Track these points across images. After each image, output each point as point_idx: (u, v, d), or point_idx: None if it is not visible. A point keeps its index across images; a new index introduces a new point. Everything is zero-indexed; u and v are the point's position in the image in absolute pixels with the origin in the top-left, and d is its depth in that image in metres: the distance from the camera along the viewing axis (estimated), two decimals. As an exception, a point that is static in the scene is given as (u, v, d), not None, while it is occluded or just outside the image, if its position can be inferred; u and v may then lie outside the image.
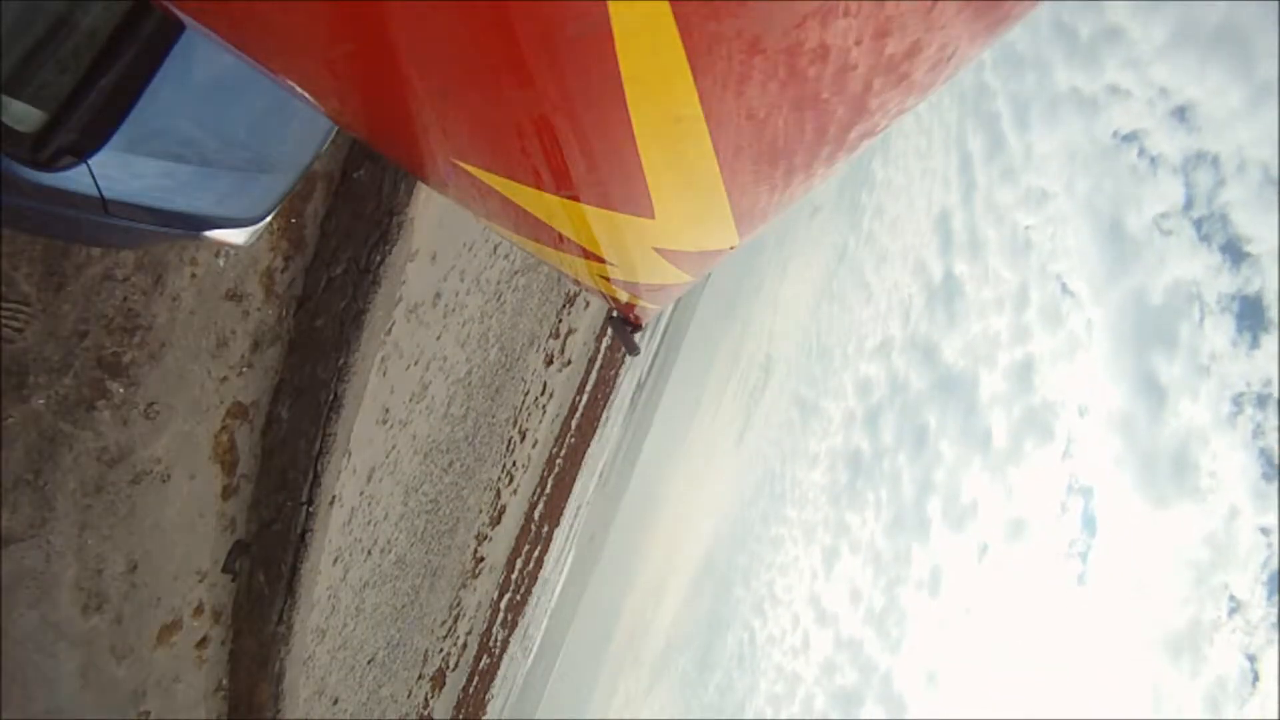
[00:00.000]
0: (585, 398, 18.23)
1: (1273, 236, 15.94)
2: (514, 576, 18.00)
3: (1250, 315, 16.80)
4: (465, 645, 14.68)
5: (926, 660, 30.30)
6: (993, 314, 28.05)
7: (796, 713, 38.18)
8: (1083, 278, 22.61)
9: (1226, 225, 17.22)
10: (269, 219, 3.12)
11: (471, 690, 16.74)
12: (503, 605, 17.90)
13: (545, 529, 20.79)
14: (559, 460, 17.82)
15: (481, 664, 17.29)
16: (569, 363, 14.19)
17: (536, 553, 20.84)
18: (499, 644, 19.38)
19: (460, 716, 15.88)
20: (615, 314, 2.22)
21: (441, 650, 12.94)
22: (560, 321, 12.38)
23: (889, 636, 32.88)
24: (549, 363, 12.69)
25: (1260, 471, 16.51)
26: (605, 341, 16.91)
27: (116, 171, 2.25)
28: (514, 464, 13.01)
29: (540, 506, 17.72)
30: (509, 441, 12.07)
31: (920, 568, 31.56)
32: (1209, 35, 16.76)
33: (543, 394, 13.11)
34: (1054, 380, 24.59)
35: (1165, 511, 19.13)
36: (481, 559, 13.28)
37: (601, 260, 1.67)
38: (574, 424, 18.01)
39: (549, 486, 17.85)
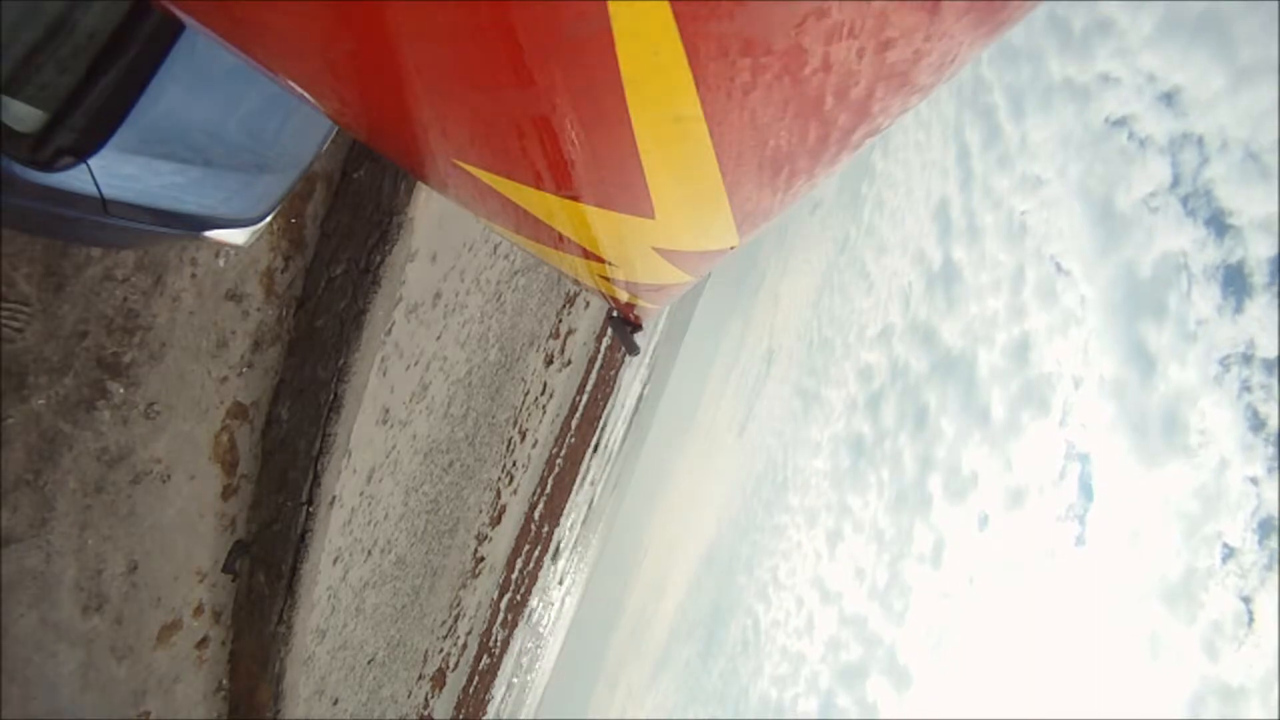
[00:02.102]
0: (585, 398, 18.23)
1: (1254, 208, 17.32)
2: (514, 576, 17.99)
3: (1234, 282, 18.16)
4: (465, 645, 14.68)
5: (931, 630, 30.88)
6: (990, 296, 28.91)
7: (801, 691, 38.60)
8: (1076, 256, 23.77)
9: (1210, 200, 18.57)
10: (269, 219, 3.12)
11: (471, 690, 16.74)
12: (503, 605, 17.90)
13: (545, 529, 20.79)
14: (559, 460, 17.82)
15: (481, 664, 17.29)
16: (569, 363, 14.18)
17: (536, 553, 20.84)
18: (499, 644, 19.38)
19: (460, 716, 15.88)
20: (615, 314, 2.23)
21: (441, 650, 12.94)
22: (560, 321, 12.38)
23: (893, 610, 33.58)
24: (549, 363, 12.69)
25: (1247, 425, 17.74)
26: (605, 341, 16.91)
27: (116, 172, 2.25)
28: (514, 464, 13.01)
29: (540, 506, 17.72)
30: (509, 441, 12.07)
31: (923, 542, 32.21)
32: (1193, 23, 18.04)
33: (543, 394, 13.11)
34: (1050, 355, 25.69)
35: (1159, 470, 20.18)
36: (481, 559, 13.28)
37: (601, 260, 1.67)
38: (574, 424, 18.01)
39: (549, 486, 17.85)
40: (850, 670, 35.30)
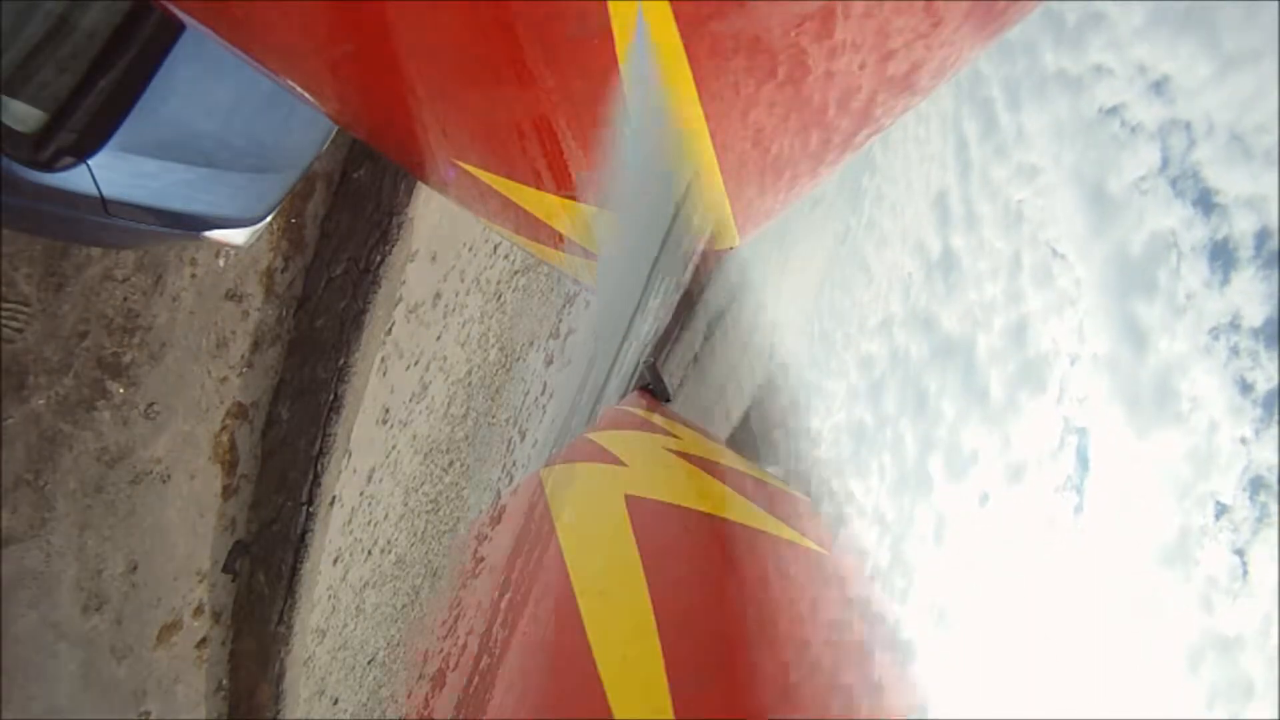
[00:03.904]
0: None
1: (1239, 187, 18.48)
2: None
3: (1221, 256, 19.39)
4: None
5: (933, 605, 31.43)
6: (988, 281, 29.63)
7: (803, 676, 39.22)
8: (1070, 240, 24.91)
9: (1198, 181, 19.72)
10: (269, 219, 3.12)
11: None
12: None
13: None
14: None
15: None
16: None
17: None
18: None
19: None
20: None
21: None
22: (560, 321, 12.37)
23: (895, 589, 34.12)
24: (549, 363, 12.68)
25: (1236, 389, 18.98)
26: (605, 341, 16.88)
27: (116, 171, 2.25)
28: (514, 464, 13.00)
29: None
30: (509, 441, 12.06)
31: (924, 523, 32.77)
32: (1180, 15, 19.15)
33: (543, 394, 13.10)
34: (1046, 335, 26.74)
35: (1152, 437, 21.29)
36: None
37: (602, 260, 1.67)
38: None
39: (549, 486, 17.83)
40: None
